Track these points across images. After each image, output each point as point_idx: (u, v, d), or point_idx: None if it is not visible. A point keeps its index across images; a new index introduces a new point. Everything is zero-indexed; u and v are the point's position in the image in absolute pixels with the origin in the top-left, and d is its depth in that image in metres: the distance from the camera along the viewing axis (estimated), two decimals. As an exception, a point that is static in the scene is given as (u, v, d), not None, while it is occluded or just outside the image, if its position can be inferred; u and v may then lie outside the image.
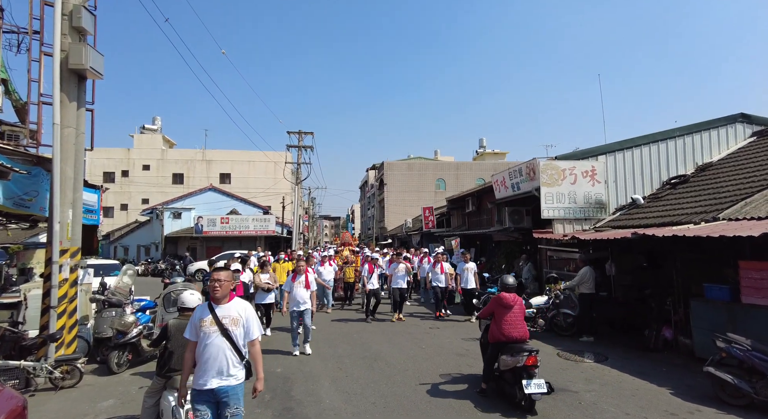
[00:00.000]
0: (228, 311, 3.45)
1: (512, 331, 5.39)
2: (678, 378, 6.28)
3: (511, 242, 15.69)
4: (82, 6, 6.70)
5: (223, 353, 3.35)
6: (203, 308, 3.52)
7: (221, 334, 3.37)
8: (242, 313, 3.49)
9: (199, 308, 3.54)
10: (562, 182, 11.40)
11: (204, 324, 3.39)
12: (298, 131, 28.11)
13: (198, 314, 3.49)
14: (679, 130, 12.05)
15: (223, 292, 3.47)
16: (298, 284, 7.83)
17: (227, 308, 3.46)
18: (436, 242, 22.17)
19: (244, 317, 3.49)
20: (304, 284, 7.83)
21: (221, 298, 3.47)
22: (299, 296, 7.78)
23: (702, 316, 7.04)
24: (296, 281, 7.85)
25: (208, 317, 3.41)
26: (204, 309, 3.49)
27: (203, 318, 3.42)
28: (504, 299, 5.56)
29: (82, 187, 7.18)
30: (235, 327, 3.42)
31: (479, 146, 62.70)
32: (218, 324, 3.38)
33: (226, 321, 3.41)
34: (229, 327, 3.40)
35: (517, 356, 5.12)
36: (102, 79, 7.27)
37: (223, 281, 3.47)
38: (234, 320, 3.44)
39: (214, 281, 3.48)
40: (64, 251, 6.63)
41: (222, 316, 3.41)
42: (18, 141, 9.47)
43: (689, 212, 8.95)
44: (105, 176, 42.38)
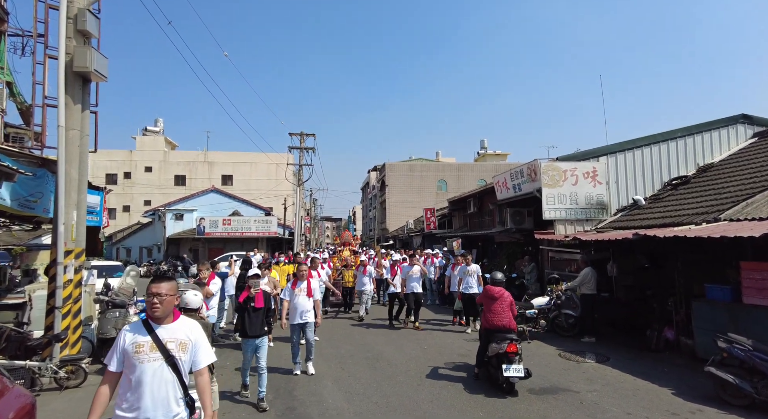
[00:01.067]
0: (174, 334, 2.71)
1: (496, 320, 6.13)
2: (679, 378, 6.30)
3: (513, 243, 15.70)
4: (86, 9, 6.76)
5: (167, 387, 2.60)
6: (136, 328, 2.70)
7: (166, 362, 2.62)
8: (191, 335, 2.79)
9: (131, 329, 2.70)
10: (563, 183, 11.42)
11: (140, 350, 2.59)
12: (300, 133, 28.15)
13: (129, 336, 2.65)
14: (680, 131, 12.07)
15: (165, 309, 2.71)
16: (299, 291, 6.71)
17: (172, 330, 2.72)
18: (438, 243, 22.19)
19: (192, 340, 2.78)
20: (305, 291, 6.72)
21: (163, 317, 2.71)
22: (300, 306, 6.68)
23: (703, 316, 7.05)
24: (297, 289, 6.73)
25: (146, 340, 2.62)
26: (138, 329, 2.68)
27: (138, 342, 2.61)
28: (490, 290, 6.34)
29: (87, 189, 7.23)
30: (183, 354, 2.71)
31: (481, 147, 62.74)
32: (161, 350, 2.63)
33: (172, 346, 2.67)
34: (175, 353, 2.67)
35: (500, 343, 5.82)
36: (106, 81, 7.33)
37: (164, 296, 2.70)
38: (182, 344, 2.72)
39: (153, 296, 2.69)
40: (69, 253, 6.68)
41: (166, 339, 2.67)
42: (23, 143, 9.56)
43: (690, 212, 8.97)
44: (107, 177, 42.53)
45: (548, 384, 6.16)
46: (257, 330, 5.65)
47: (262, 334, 5.69)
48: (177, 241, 32.45)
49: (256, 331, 5.63)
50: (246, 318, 5.64)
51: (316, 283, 6.94)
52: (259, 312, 5.68)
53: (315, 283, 6.93)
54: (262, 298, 5.75)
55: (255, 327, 5.63)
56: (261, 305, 5.70)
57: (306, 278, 6.82)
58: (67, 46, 6.63)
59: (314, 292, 6.81)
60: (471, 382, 6.27)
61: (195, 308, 4.65)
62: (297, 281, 6.84)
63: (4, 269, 10.85)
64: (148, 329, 2.67)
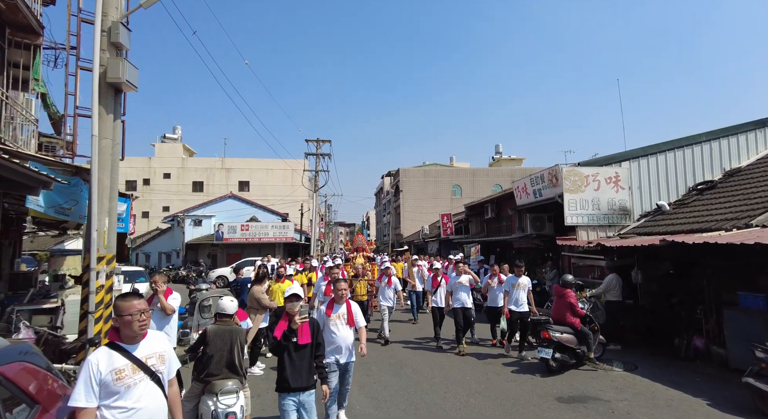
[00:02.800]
0: (150, 349, 2.61)
1: (553, 314, 7.61)
2: (713, 388, 6.15)
3: (533, 249, 15.57)
4: (120, 23, 6.96)
5: (156, 404, 2.55)
6: (105, 354, 2.49)
7: (151, 380, 2.54)
8: (164, 345, 2.72)
9: (100, 357, 2.47)
10: (585, 188, 11.31)
11: (122, 375, 2.44)
12: (317, 139, 28.43)
13: (102, 364, 2.43)
14: (705, 135, 11.86)
15: (147, 327, 2.63)
16: (338, 319, 4.81)
17: (146, 346, 2.61)
18: (455, 249, 22.10)
19: (167, 350, 2.72)
20: (346, 318, 4.83)
21: (141, 335, 2.60)
22: (341, 340, 4.75)
23: (736, 325, 6.89)
24: (333, 315, 4.83)
25: (124, 363, 2.48)
26: (109, 355, 2.48)
27: (116, 367, 2.45)
28: (555, 289, 7.89)
29: (117, 196, 7.41)
30: (162, 366, 2.64)
31: (495, 152, 62.54)
32: (144, 369, 2.53)
33: (153, 361, 2.58)
34: (158, 367, 2.60)
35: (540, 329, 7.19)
36: (136, 91, 7.52)
37: (148, 312, 2.63)
38: (161, 357, 2.64)
39: (141, 313, 2.57)
40: (101, 259, 6.84)
41: (144, 356, 2.56)
42: (54, 152, 9.87)
43: (719, 218, 8.79)
44: (127, 184, 43.39)
45: (576, 392, 6.08)
46: (303, 378, 3.94)
47: (311, 385, 3.99)
48: (195, 246, 32.91)
49: (301, 381, 3.93)
50: (286, 361, 3.95)
51: (356, 308, 5.01)
52: (304, 352, 4.00)
53: (355, 307, 5.00)
54: (308, 331, 4.05)
55: (300, 375, 3.92)
56: (307, 341, 4.03)
57: (345, 298, 4.95)
58: (101, 58, 6.82)
59: (357, 317, 4.90)
60: (499, 390, 6.22)
61: (231, 313, 4.74)
62: (333, 304, 4.91)
63: (35, 273, 11.15)
64: (121, 351, 2.52)
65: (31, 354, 2.78)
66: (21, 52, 8.85)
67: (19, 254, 12.72)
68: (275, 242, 31.27)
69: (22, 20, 8.32)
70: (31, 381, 2.55)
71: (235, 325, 4.73)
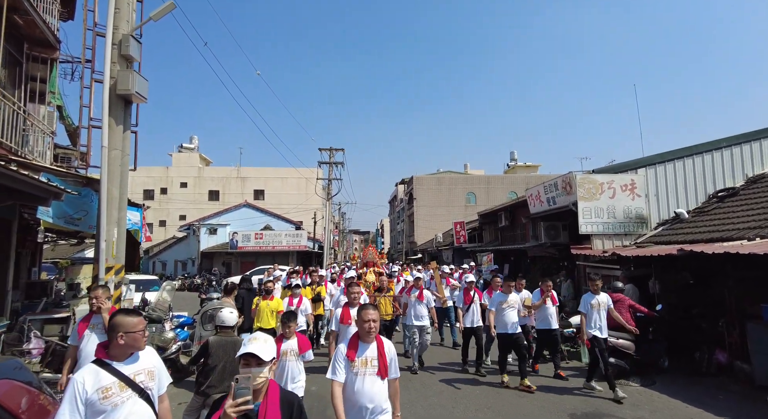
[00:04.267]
0: (139, 365, 2.56)
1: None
2: (737, 406, 5.85)
3: (548, 258, 15.27)
4: (130, 35, 7.08)
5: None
6: (92, 372, 2.42)
7: (140, 397, 2.48)
8: (154, 361, 2.68)
9: (86, 375, 2.40)
10: (600, 196, 11.04)
11: (109, 393, 2.37)
12: (330, 148, 28.59)
13: (88, 383, 2.36)
14: (726, 140, 11.49)
15: (143, 344, 2.61)
16: (364, 366, 3.21)
17: (135, 363, 2.57)
18: (468, 257, 21.83)
19: (157, 365, 2.67)
20: (376, 365, 3.23)
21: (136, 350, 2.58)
22: (367, 399, 3.15)
23: (761, 339, 6.57)
24: (358, 360, 3.22)
25: (111, 381, 2.41)
26: (96, 373, 2.41)
27: (103, 385, 2.38)
28: (609, 296, 7.08)
29: (126, 206, 7.49)
30: (152, 382, 2.58)
31: (510, 158, 61.96)
32: (132, 386, 2.47)
33: (141, 378, 2.53)
34: (147, 384, 2.54)
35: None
36: (146, 102, 7.62)
37: (142, 330, 2.59)
38: (150, 373, 2.59)
39: (140, 331, 2.55)
40: (109, 269, 6.89)
41: (132, 373, 2.51)
42: (70, 163, 10.09)
43: (741, 227, 8.46)
44: (145, 193, 44.23)
45: (591, 408, 5.85)
46: None
47: None
48: (210, 255, 33.25)
49: None
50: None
51: (393, 349, 3.39)
52: None
53: (389, 345, 3.36)
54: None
55: None
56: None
57: (374, 332, 3.29)
58: (111, 71, 6.94)
59: (391, 365, 3.29)
60: (510, 405, 6.02)
61: (231, 325, 4.69)
62: (356, 342, 3.29)
63: (51, 282, 11.34)
64: (108, 369, 2.45)
65: (19, 371, 2.75)
66: (38, 66, 9.08)
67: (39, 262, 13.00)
68: (288, 251, 31.39)
69: (39, 35, 8.55)
70: (18, 400, 2.52)
71: (237, 337, 4.68)
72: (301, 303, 7.56)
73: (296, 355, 4.34)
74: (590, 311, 6.62)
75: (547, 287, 7.69)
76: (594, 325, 6.55)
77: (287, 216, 38.99)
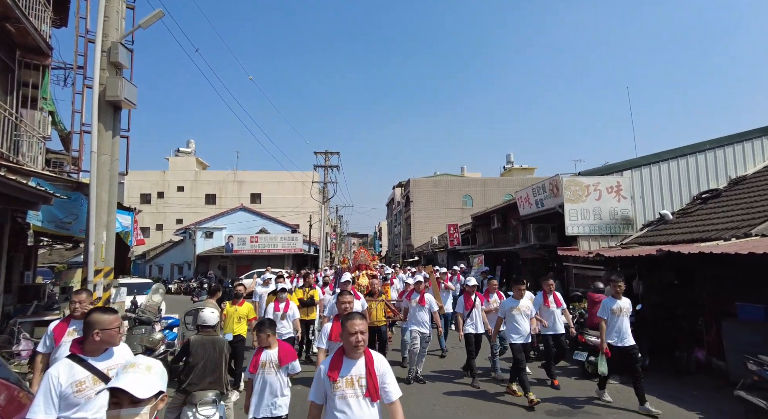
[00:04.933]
0: (113, 360, 2.69)
1: (589, 321, 7.80)
2: (709, 402, 6.00)
3: (538, 259, 15.42)
4: (119, 43, 7.25)
5: None
6: (66, 367, 2.53)
7: None
8: (128, 357, 2.77)
9: (61, 369, 2.52)
10: (586, 198, 11.22)
11: (83, 387, 2.48)
12: (325, 152, 28.74)
13: (63, 377, 2.48)
14: (710, 143, 11.68)
15: (118, 340, 2.74)
16: (349, 387, 2.69)
17: (109, 358, 2.69)
18: (462, 259, 21.98)
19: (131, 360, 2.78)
20: (364, 386, 2.69)
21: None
22: None
23: (736, 337, 6.72)
24: (342, 380, 2.70)
25: (85, 375, 2.52)
26: (70, 368, 2.53)
27: (77, 379, 2.48)
28: (589, 297, 8.08)
29: (116, 210, 7.62)
30: None
31: (507, 161, 62.20)
32: (105, 380, 2.55)
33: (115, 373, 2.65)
34: None
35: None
36: (135, 108, 7.78)
37: (118, 328, 2.70)
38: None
39: (117, 328, 2.68)
40: (98, 271, 7.02)
41: (106, 368, 2.62)
42: (62, 167, 10.23)
43: (720, 227, 8.63)
44: (142, 197, 44.29)
45: (568, 405, 5.98)
46: None
47: None
48: (207, 258, 33.30)
49: None
50: None
51: (386, 365, 2.83)
52: None
53: (385, 364, 2.82)
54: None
55: None
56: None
57: (361, 346, 2.76)
58: (100, 77, 7.10)
59: (386, 385, 2.73)
60: (489, 403, 6.15)
61: (212, 325, 4.81)
62: (340, 358, 2.78)
63: (44, 286, 11.46)
64: (83, 364, 2.56)
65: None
66: (31, 73, 9.23)
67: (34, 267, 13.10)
68: (284, 254, 31.48)
69: (31, 42, 8.70)
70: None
71: (219, 336, 4.81)
72: (288, 308, 7.08)
73: (277, 367, 3.99)
74: (611, 318, 6.02)
75: (549, 285, 7.19)
76: (615, 333, 5.96)
77: (283, 220, 39.09)
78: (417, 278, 7.93)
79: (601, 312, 6.14)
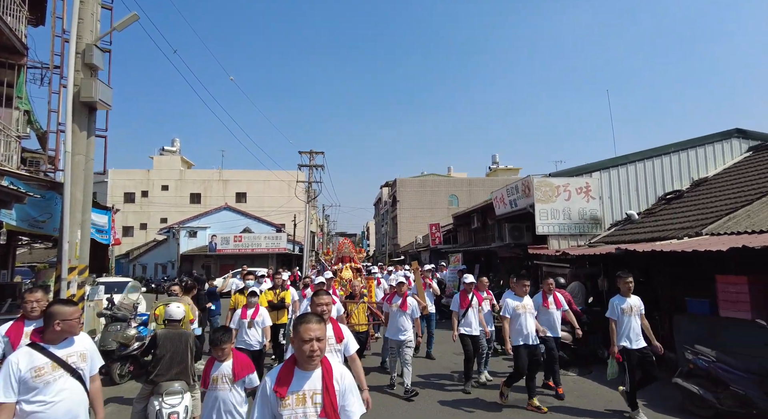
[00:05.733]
0: (72, 348, 2.91)
1: None
2: (657, 390, 6.35)
3: (514, 258, 15.80)
4: (94, 45, 7.37)
5: (75, 400, 2.82)
6: (26, 354, 2.75)
7: (72, 377, 2.82)
8: (86, 345, 3.02)
9: (20, 356, 2.73)
10: (556, 198, 11.60)
11: (42, 372, 2.71)
12: (310, 151, 28.89)
13: (22, 363, 2.70)
14: (674, 146, 12.17)
15: (78, 330, 2.96)
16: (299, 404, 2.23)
17: (68, 346, 2.91)
18: (443, 258, 22.32)
19: (89, 349, 3.01)
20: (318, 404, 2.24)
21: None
22: None
23: (684, 330, 7.10)
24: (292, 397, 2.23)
25: (45, 361, 2.75)
26: (29, 354, 2.74)
27: (36, 365, 2.71)
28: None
29: (91, 209, 7.75)
30: (84, 363, 2.92)
31: (492, 162, 62.96)
32: (64, 366, 2.80)
33: (74, 360, 2.86)
34: (79, 365, 2.88)
35: None
36: (111, 109, 7.91)
37: (78, 318, 2.92)
38: (83, 355, 2.94)
39: (76, 319, 2.90)
40: (72, 269, 7.15)
41: (65, 355, 2.84)
42: (38, 166, 10.27)
43: (678, 227, 9.06)
44: (126, 196, 43.94)
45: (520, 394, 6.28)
46: None
47: None
48: (191, 258, 33.23)
49: None
50: None
51: (347, 376, 2.41)
52: None
53: (344, 374, 2.40)
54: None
55: None
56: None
57: (318, 355, 2.30)
58: (75, 79, 7.22)
59: (346, 402, 2.32)
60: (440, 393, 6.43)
61: (178, 319, 5.03)
62: (291, 370, 2.32)
63: (20, 285, 11.46)
64: (42, 351, 2.77)
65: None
66: (5, 72, 9.28)
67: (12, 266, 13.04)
68: (268, 253, 31.58)
69: (6, 42, 8.76)
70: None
71: (184, 330, 5.03)
72: (257, 314, 6.23)
73: (230, 382, 3.67)
74: (621, 318, 5.52)
75: (549, 285, 6.83)
76: (626, 334, 5.48)
77: (269, 219, 39.13)
78: (398, 279, 7.31)
79: (611, 313, 5.65)
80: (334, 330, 3.86)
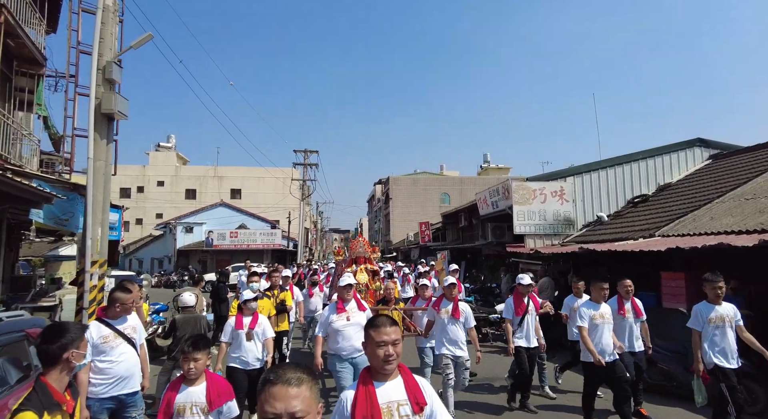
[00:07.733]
0: (128, 323, 3.92)
1: None
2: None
3: (497, 256, 16.83)
4: (113, 62, 8.19)
5: (131, 360, 3.79)
6: (96, 326, 3.75)
7: (128, 344, 3.81)
8: (136, 322, 4.02)
9: (93, 328, 3.72)
10: (533, 201, 12.59)
11: (107, 340, 3.70)
12: (304, 150, 29.69)
13: (94, 332, 3.69)
14: (642, 153, 13.20)
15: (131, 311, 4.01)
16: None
17: (124, 322, 3.90)
18: (431, 255, 23.32)
19: (138, 325, 4.04)
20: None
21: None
22: None
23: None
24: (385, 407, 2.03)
25: (109, 332, 3.74)
26: (98, 327, 3.74)
27: (103, 334, 3.71)
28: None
29: (109, 208, 8.59)
30: (135, 335, 3.94)
31: (484, 161, 64.00)
32: (122, 336, 3.79)
33: (129, 331, 3.86)
34: (132, 335, 3.87)
35: None
36: (127, 119, 8.73)
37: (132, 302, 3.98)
38: (134, 328, 3.94)
39: (125, 304, 3.85)
40: (94, 262, 8.00)
41: (123, 328, 3.84)
42: (53, 168, 11.06)
43: (638, 229, 10.07)
44: (122, 192, 44.41)
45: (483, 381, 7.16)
46: None
47: None
48: (187, 253, 33.95)
49: None
50: None
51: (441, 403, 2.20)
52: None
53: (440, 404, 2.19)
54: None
55: None
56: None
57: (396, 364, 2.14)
58: (96, 92, 8.04)
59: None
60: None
61: (192, 305, 5.95)
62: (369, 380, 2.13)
63: (33, 277, 12.27)
64: (106, 324, 3.76)
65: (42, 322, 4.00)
66: (26, 80, 10.06)
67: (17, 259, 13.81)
68: (263, 249, 32.40)
69: (27, 54, 9.53)
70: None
71: (198, 314, 5.95)
72: (255, 324, 4.89)
73: (203, 412, 2.87)
74: (707, 329, 4.46)
75: (626, 288, 5.80)
76: (717, 351, 4.41)
77: (263, 215, 39.86)
78: (421, 281, 6.65)
79: (693, 322, 4.60)
80: None
